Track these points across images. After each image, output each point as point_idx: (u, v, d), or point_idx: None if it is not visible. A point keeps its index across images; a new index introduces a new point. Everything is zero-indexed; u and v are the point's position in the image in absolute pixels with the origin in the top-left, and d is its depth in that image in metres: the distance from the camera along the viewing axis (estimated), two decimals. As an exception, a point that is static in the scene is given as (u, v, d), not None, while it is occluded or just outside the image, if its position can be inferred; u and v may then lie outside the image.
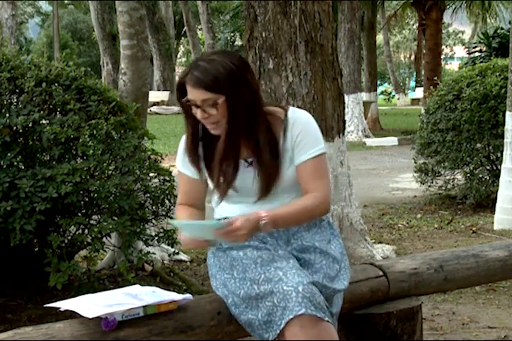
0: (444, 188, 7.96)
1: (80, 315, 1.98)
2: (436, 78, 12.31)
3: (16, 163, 3.66)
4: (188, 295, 2.15)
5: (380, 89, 38.04)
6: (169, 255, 4.81)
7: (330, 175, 5.01)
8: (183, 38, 40.05)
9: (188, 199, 2.37)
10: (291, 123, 2.26)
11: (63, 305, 2.03)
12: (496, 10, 23.33)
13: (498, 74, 7.63)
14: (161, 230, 4.13)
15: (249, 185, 2.24)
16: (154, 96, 26.14)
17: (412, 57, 43.18)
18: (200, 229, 2.13)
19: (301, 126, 2.26)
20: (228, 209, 2.33)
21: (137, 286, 2.22)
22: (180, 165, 2.37)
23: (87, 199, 3.87)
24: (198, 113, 2.18)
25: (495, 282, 4.07)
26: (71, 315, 2.00)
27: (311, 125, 2.29)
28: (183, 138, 2.34)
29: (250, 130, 2.20)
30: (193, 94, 2.16)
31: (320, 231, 2.33)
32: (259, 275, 2.12)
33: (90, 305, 2.01)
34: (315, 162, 2.28)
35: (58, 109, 3.95)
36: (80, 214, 3.87)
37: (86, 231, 3.90)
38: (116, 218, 3.81)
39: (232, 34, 33.45)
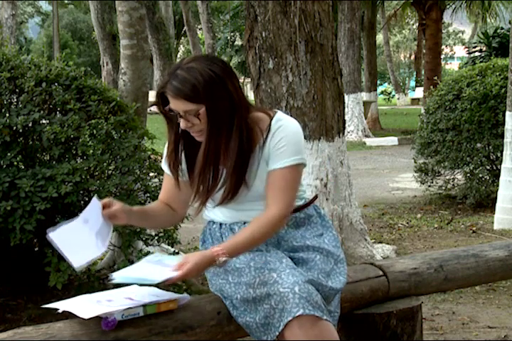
0: (444, 188, 7.96)
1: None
2: (436, 78, 12.30)
3: (15, 163, 3.66)
4: (185, 295, 2.15)
5: (380, 88, 38.06)
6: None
7: (330, 175, 5.04)
8: (183, 38, 40.06)
9: (167, 198, 2.34)
10: (273, 131, 2.19)
11: (61, 306, 2.03)
12: (496, 10, 23.31)
13: (498, 74, 7.63)
14: (161, 230, 4.13)
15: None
16: (154, 95, 26.06)
17: (412, 57, 43.18)
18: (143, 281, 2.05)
19: (282, 134, 2.18)
20: (214, 212, 2.33)
21: (135, 286, 2.21)
22: (164, 163, 2.34)
23: (87, 199, 3.87)
24: (181, 122, 2.15)
25: (495, 282, 4.07)
26: (71, 314, 2.00)
27: (294, 134, 2.20)
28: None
29: (229, 138, 2.15)
30: (174, 104, 2.13)
31: (310, 228, 2.30)
32: (254, 279, 2.11)
33: (87, 305, 2.01)
34: (285, 172, 2.17)
35: (58, 109, 3.95)
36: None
37: (86, 230, 3.90)
38: (116, 218, 3.81)
39: (232, 34, 33.44)
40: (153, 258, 2.16)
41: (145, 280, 2.02)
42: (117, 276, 2.04)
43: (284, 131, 2.19)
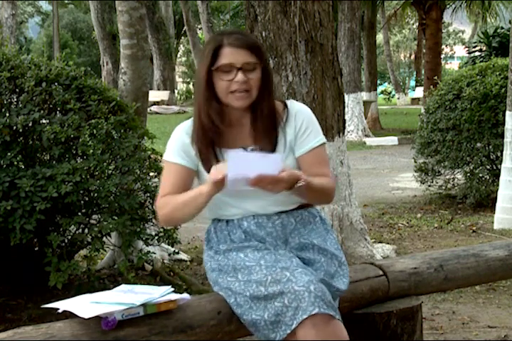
0: (444, 188, 7.95)
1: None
2: (436, 77, 12.28)
3: (16, 163, 3.66)
4: (185, 295, 2.15)
5: (380, 88, 38.04)
6: (169, 254, 4.81)
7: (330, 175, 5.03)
8: (183, 38, 40.05)
9: (178, 190, 2.25)
10: (292, 113, 2.29)
11: (61, 305, 2.03)
12: (496, 9, 23.32)
13: (498, 73, 7.63)
14: (161, 230, 4.13)
15: None
16: (154, 95, 26.16)
17: (412, 57, 43.17)
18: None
19: (303, 116, 2.29)
20: (221, 207, 2.29)
21: (135, 286, 2.21)
22: (171, 154, 2.31)
23: (87, 199, 3.87)
24: (238, 75, 2.17)
25: (495, 281, 4.07)
26: (71, 314, 2.00)
27: (313, 116, 2.33)
28: (179, 127, 2.32)
29: (271, 109, 2.25)
30: (235, 55, 2.17)
31: (315, 228, 2.33)
32: (266, 277, 2.09)
33: (87, 305, 2.01)
34: (322, 150, 2.30)
35: (58, 109, 3.95)
36: (80, 213, 3.87)
37: (86, 230, 3.91)
38: (116, 217, 3.81)
39: (232, 33, 33.40)
40: (124, 287, 2.16)
41: (122, 303, 2.01)
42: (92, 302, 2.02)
43: (304, 114, 2.30)
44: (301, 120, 2.28)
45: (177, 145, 2.31)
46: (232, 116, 2.26)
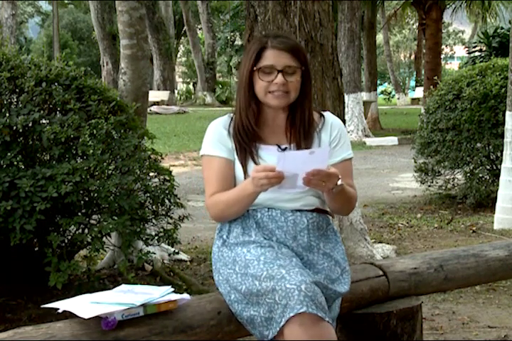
0: (444, 188, 7.96)
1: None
2: (436, 78, 12.27)
3: (15, 163, 3.66)
4: (185, 295, 2.15)
5: (380, 88, 38.05)
6: (169, 254, 4.81)
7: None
8: (183, 38, 40.07)
9: (224, 185, 2.28)
10: (328, 122, 2.37)
11: (61, 305, 2.03)
12: (496, 9, 23.29)
13: (498, 73, 7.63)
14: (161, 230, 4.13)
15: None
16: (154, 95, 26.16)
17: (412, 57, 43.17)
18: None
19: (338, 128, 2.38)
20: None
21: (135, 286, 2.21)
22: (210, 147, 2.33)
23: (87, 199, 3.87)
24: (278, 77, 2.23)
25: (495, 281, 4.07)
26: (71, 314, 2.00)
27: (345, 130, 2.43)
28: (215, 122, 2.36)
29: (309, 111, 2.32)
30: (277, 58, 2.25)
31: (326, 234, 2.35)
32: (262, 272, 2.12)
33: (87, 305, 2.01)
34: (350, 163, 2.39)
35: (58, 109, 3.95)
36: (80, 213, 3.87)
37: (86, 230, 3.90)
38: (116, 218, 3.81)
39: (232, 34, 33.43)
40: (124, 287, 2.17)
41: (122, 304, 2.01)
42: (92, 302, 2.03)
43: (339, 126, 2.40)
44: (336, 130, 2.37)
45: (215, 138, 2.34)
46: (268, 115, 2.34)
